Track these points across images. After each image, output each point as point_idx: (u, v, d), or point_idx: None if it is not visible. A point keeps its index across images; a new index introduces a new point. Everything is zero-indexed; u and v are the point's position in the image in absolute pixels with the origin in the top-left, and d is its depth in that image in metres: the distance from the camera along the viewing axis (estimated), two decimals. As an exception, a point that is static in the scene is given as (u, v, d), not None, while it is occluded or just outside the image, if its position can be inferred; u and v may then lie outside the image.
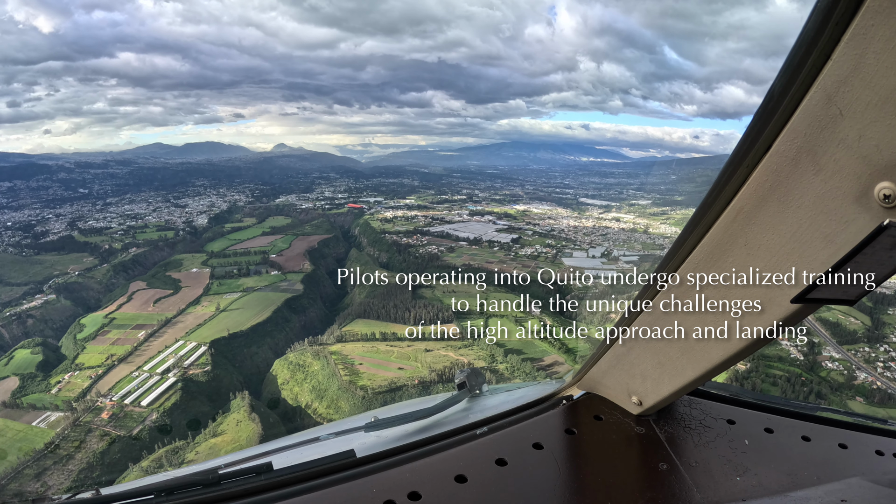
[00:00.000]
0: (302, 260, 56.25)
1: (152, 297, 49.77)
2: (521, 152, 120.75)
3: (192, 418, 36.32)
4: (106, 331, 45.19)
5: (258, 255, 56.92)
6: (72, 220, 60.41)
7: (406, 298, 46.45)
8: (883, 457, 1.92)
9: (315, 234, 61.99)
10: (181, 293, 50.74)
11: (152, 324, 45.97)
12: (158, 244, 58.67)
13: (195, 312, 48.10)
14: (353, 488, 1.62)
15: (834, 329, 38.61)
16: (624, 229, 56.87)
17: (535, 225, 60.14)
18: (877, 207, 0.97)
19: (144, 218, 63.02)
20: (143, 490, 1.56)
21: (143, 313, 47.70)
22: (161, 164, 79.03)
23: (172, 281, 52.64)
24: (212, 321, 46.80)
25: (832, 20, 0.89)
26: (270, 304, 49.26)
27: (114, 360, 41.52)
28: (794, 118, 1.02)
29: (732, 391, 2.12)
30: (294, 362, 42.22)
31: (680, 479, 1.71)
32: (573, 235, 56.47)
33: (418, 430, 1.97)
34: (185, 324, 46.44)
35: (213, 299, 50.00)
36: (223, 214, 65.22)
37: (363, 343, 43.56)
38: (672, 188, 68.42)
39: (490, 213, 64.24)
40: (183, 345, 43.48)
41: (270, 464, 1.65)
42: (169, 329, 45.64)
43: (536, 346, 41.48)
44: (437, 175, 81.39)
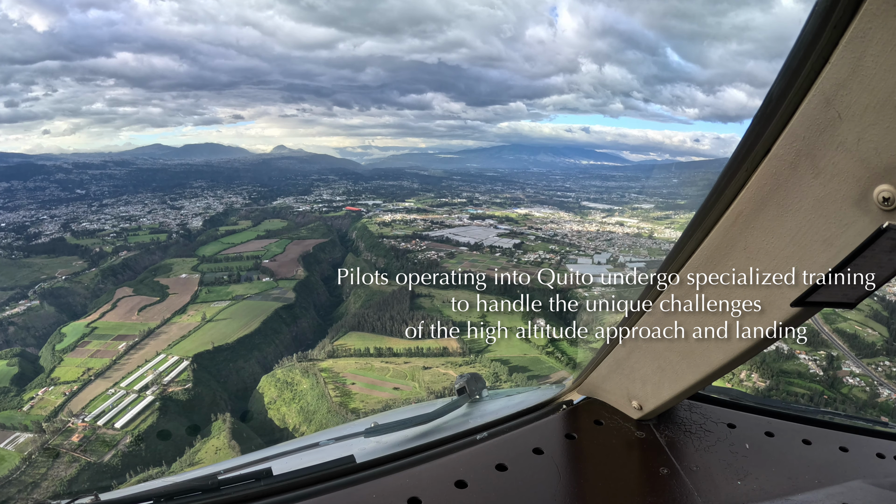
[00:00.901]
0: (295, 266, 54.37)
1: (137, 305, 47.78)
2: (522, 155, 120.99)
3: (167, 439, 33.96)
4: (86, 341, 42.95)
5: (250, 261, 55.04)
6: (66, 221, 59.24)
7: (403, 309, 44.34)
8: (884, 460, 1.92)
9: (311, 237, 60.49)
10: (168, 301, 48.65)
11: (134, 335, 43.66)
12: (150, 247, 57.21)
13: (180, 322, 45.75)
14: (352, 494, 1.62)
15: (852, 341, 37.16)
16: (629, 234, 55.88)
17: (538, 229, 58.90)
18: (876, 210, 0.97)
19: (139, 220, 61.77)
20: (142, 496, 1.56)
21: (127, 322, 45.52)
22: (160, 165, 78.82)
23: (160, 287, 50.73)
24: (197, 332, 44.38)
25: (830, 23, 0.89)
26: (260, 314, 46.83)
27: (91, 374, 39.08)
28: (793, 122, 1.02)
29: (733, 395, 2.12)
30: (282, 379, 39.72)
31: (681, 484, 1.71)
32: (577, 240, 55.25)
33: (418, 436, 1.96)
34: (168, 335, 43.98)
35: (200, 308, 47.65)
36: (219, 217, 64.33)
37: (356, 359, 41.15)
38: (674, 192, 67.84)
39: (491, 217, 63.06)
40: (164, 359, 40.96)
41: (270, 469, 1.64)
42: (151, 341, 43.27)
43: (543, 361, 40.14)
44: (436, 178, 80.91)
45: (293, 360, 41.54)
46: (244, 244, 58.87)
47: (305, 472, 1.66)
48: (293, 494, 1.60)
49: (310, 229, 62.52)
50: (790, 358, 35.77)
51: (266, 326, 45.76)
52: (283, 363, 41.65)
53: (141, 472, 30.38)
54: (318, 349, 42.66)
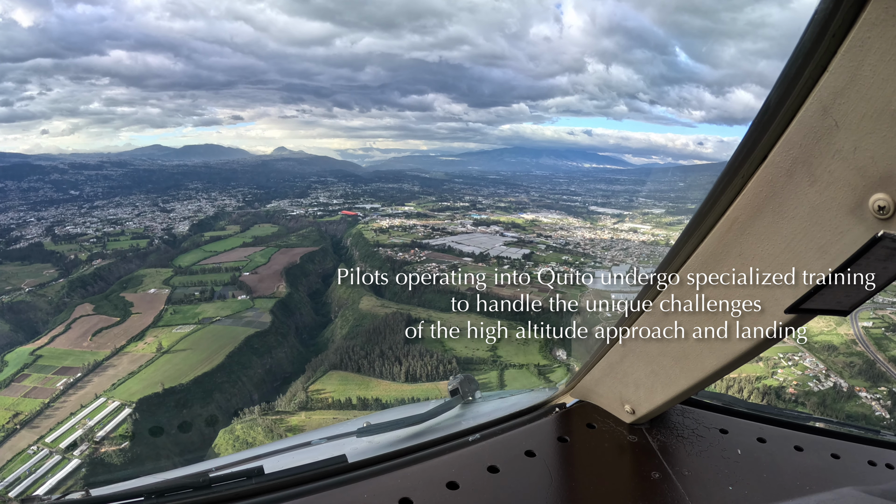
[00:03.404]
0: (277, 280, 48.75)
1: (93, 328, 41.79)
2: (524, 158, 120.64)
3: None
4: (25, 374, 36.83)
5: (229, 273, 49.48)
6: (50, 224, 55.92)
7: (397, 342, 37.51)
8: (875, 467, 1.93)
9: (300, 245, 55.97)
10: (128, 322, 42.65)
11: (79, 367, 37.43)
12: (127, 255, 52.65)
13: (133, 353, 39.28)
14: (344, 493, 1.62)
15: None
16: (644, 242, 51.44)
17: (548, 237, 54.54)
18: (871, 219, 0.98)
19: (125, 223, 58.21)
20: (133, 492, 1.55)
21: (76, 350, 39.28)
22: (157, 166, 77.54)
23: (124, 305, 44.84)
24: (149, 367, 37.75)
25: (829, 32, 0.90)
26: (226, 344, 39.97)
27: (17, 422, 32.47)
28: (790, 129, 1.03)
29: (725, 400, 2.12)
30: (241, 438, 32.07)
31: (672, 489, 1.71)
32: (591, 249, 50.86)
33: (410, 436, 1.96)
34: (116, 369, 37.45)
35: (160, 333, 41.27)
36: (208, 221, 61.28)
37: (335, 413, 33.61)
38: (683, 195, 65.87)
39: (496, 223, 58.90)
40: (103, 404, 33.86)
41: (262, 468, 1.64)
42: (95, 377, 36.68)
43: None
44: (438, 180, 79.62)
45: (255, 414, 34.39)
46: (227, 252, 54.41)
47: (297, 470, 1.66)
48: (285, 493, 1.60)
49: (300, 236, 58.52)
50: (851, 397, 32.86)
51: (232, 360, 38.81)
52: (244, 415, 34.35)
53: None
54: (289, 397, 36.06)
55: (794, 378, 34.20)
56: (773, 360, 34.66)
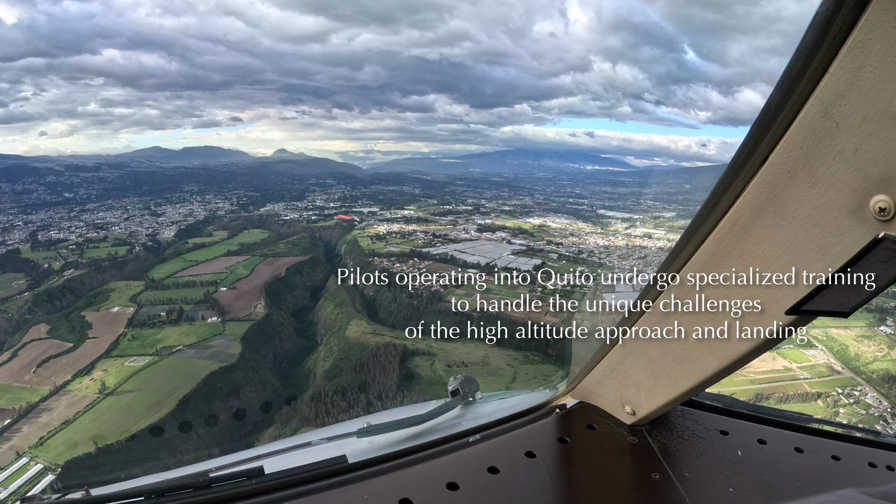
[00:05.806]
0: (256, 298, 42.93)
1: (41, 355, 35.51)
2: (526, 160, 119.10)
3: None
4: None
5: (203, 289, 43.95)
6: (34, 230, 51.48)
7: (389, 385, 32.29)
8: (876, 469, 1.93)
9: (289, 254, 50.86)
10: (81, 349, 36.41)
11: (11, 410, 30.82)
12: (103, 264, 47.37)
13: (74, 392, 32.77)
14: (344, 494, 1.62)
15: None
16: (662, 248, 45.37)
17: (558, 244, 49.87)
18: (872, 220, 0.98)
19: (110, 228, 53.65)
20: (133, 492, 1.56)
21: (13, 386, 32.96)
22: (156, 167, 75.50)
23: (82, 327, 38.74)
24: (87, 414, 31.02)
25: (830, 33, 0.90)
26: (183, 384, 33.21)
27: None
28: (791, 131, 1.03)
29: (726, 402, 2.13)
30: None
31: (672, 490, 1.71)
32: (606, 258, 46.56)
33: (410, 437, 1.96)
34: (51, 415, 30.75)
35: (111, 366, 35.11)
36: (196, 225, 57.15)
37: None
38: (690, 197, 60.30)
39: (502, 229, 54.25)
40: (23, 467, 26.94)
41: (262, 468, 1.64)
42: (25, 425, 29.94)
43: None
44: (439, 183, 77.14)
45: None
46: (208, 262, 49.17)
47: (297, 471, 1.66)
48: (285, 493, 1.60)
49: (291, 243, 53.43)
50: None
51: (186, 407, 31.69)
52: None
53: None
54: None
55: (859, 420, 29.63)
56: (832, 396, 31.27)
